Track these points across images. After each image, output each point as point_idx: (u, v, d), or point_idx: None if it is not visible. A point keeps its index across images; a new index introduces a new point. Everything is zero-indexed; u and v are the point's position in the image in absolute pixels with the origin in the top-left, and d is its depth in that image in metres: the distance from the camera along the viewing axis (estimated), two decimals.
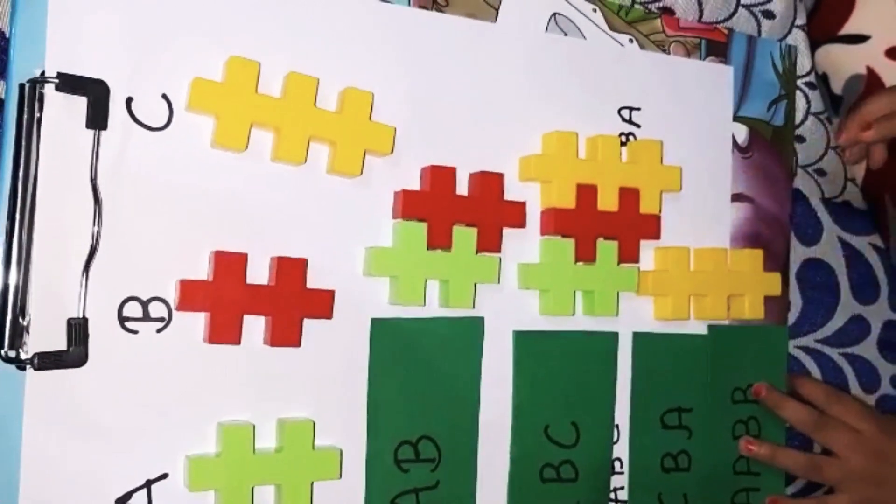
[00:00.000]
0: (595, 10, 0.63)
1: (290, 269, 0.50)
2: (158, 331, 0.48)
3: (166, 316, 0.48)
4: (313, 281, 0.52)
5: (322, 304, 0.51)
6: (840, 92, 0.77)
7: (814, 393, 0.67)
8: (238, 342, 0.49)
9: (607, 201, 0.61)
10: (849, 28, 0.74)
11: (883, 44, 0.73)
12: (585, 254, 0.60)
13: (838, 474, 0.64)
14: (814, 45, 0.74)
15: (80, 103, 0.46)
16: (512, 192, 0.58)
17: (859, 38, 0.74)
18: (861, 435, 0.64)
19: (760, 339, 0.68)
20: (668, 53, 0.66)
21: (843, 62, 0.75)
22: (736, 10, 0.70)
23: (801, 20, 0.73)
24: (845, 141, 0.70)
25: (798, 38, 0.73)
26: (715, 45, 0.68)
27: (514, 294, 0.59)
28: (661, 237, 0.64)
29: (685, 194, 0.65)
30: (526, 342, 0.59)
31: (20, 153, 0.45)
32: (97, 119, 0.46)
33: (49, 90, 0.45)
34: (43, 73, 0.46)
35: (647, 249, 0.63)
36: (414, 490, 0.55)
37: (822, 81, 0.75)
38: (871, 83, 0.76)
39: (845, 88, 0.77)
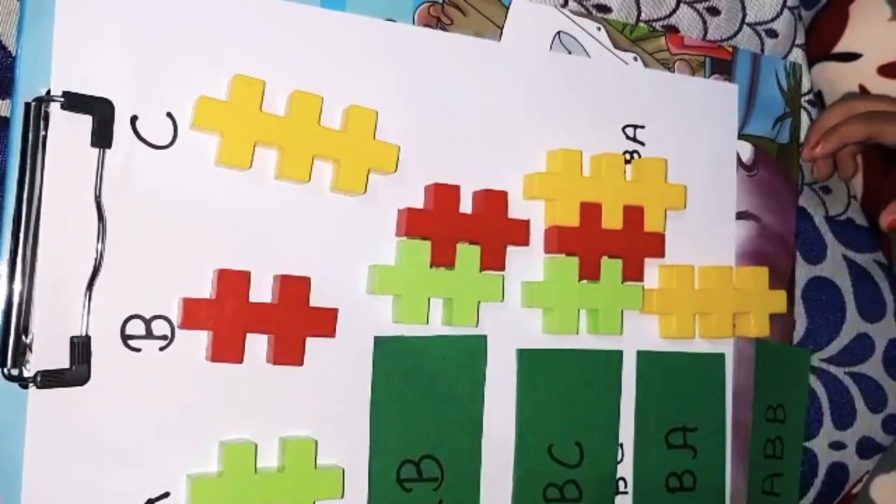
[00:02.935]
0: (599, 29, 0.63)
1: (293, 288, 0.50)
2: (161, 349, 0.48)
3: (169, 334, 0.48)
4: (316, 299, 0.52)
5: (325, 322, 0.51)
6: None
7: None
8: (241, 360, 0.49)
9: (611, 219, 0.60)
10: (842, 46, 0.74)
11: (875, 61, 0.73)
12: (589, 272, 0.60)
13: None
14: (811, 63, 0.74)
15: (85, 122, 0.46)
16: (516, 210, 0.58)
17: (852, 56, 0.74)
18: None
19: (788, 359, 0.68)
20: (673, 71, 0.66)
21: (837, 79, 0.75)
22: (740, 29, 0.70)
23: (800, 39, 0.73)
24: (806, 158, 0.70)
25: (798, 57, 0.73)
26: (719, 63, 0.68)
27: (518, 312, 0.59)
28: (666, 255, 0.63)
29: (690, 212, 0.65)
30: (530, 361, 0.59)
31: (25, 171, 0.45)
32: (102, 138, 0.47)
33: (54, 109, 0.46)
34: (48, 91, 0.46)
35: (652, 267, 0.63)
36: None
37: (818, 98, 0.75)
38: None
39: None
